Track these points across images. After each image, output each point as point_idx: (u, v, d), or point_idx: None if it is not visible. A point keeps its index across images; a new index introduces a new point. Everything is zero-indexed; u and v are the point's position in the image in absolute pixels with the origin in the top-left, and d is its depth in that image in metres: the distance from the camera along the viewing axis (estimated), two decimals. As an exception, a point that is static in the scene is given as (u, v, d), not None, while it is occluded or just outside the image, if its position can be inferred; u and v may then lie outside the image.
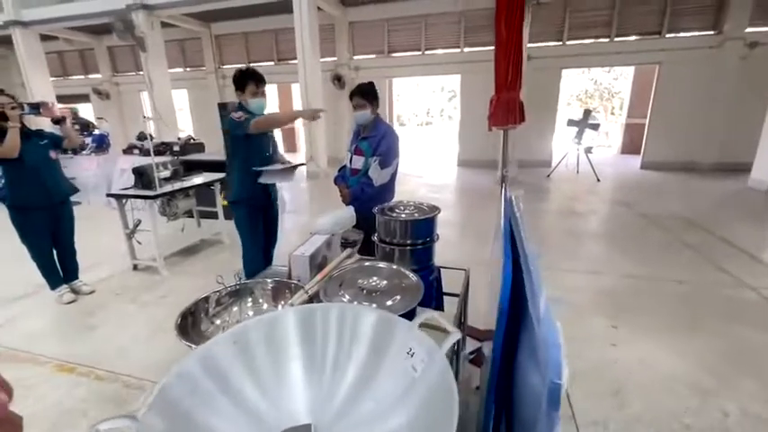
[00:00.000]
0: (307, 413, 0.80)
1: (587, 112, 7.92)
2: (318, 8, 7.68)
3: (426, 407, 0.70)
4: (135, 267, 3.55)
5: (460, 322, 1.68)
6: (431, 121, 28.85)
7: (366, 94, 2.35)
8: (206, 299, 1.28)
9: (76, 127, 7.21)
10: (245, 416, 0.78)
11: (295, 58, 7.47)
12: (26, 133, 2.62)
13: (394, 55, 9.74)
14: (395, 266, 1.26)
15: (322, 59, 8.16)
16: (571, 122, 8.02)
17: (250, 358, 0.82)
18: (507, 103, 1.72)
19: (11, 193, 2.66)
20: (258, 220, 2.66)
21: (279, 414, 0.79)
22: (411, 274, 1.21)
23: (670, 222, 4.60)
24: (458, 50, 9.17)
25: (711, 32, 7.70)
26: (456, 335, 0.85)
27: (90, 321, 2.69)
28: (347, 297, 1.12)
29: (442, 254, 1.84)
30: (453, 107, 20.35)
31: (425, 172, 8.94)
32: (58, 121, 2.79)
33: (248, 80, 2.36)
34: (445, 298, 1.96)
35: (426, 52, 9.46)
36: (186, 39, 11.04)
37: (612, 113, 18.18)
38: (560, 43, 8.63)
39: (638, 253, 3.69)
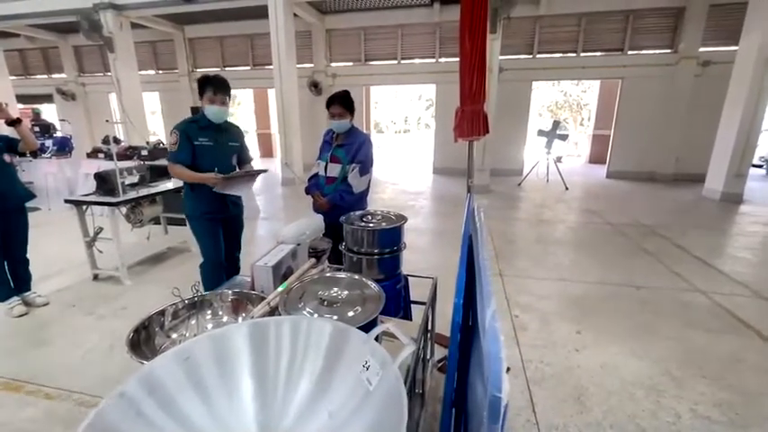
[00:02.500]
0: (257, 429, 0.78)
1: (556, 123, 8.23)
2: (295, 15, 7.66)
3: (379, 421, 0.70)
4: (95, 277, 3.39)
5: (426, 330, 1.69)
6: (408, 129, 29.19)
7: (345, 102, 2.36)
8: (161, 312, 1.24)
9: (36, 129, 6.86)
10: (190, 434, 0.75)
11: (271, 64, 7.40)
12: (-25, 136, 2.48)
13: (371, 63, 9.82)
14: (357, 276, 1.26)
15: (299, 65, 8.13)
16: (541, 133, 8.30)
17: (198, 376, 0.80)
18: (472, 115, 1.76)
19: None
20: (217, 232, 2.50)
21: (227, 431, 0.77)
22: (373, 284, 1.21)
23: (632, 230, 4.82)
24: (433, 60, 9.36)
25: (668, 51, 8.19)
26: (410, 347, 0.86)
27: (42, 336, 2.54)
28: (307, 309, 1.10)
29: (414, 261, 1.86)
30: (431, 116, 20.65)
31: (402, 179, 9.02)
32: (12, 122, 2.65)
33: (206, 86, 2.26)
34: (414, 306, 1.97)
35: (402, 61, 9.60)
36: (158, 41, 10.76)
37: (582, 124, 19.00)
38: (531, 56, 8.95)
39: (602, 260, 3.84)
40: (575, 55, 8.73)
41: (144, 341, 1.16)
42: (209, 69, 10.83)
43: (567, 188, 7.60)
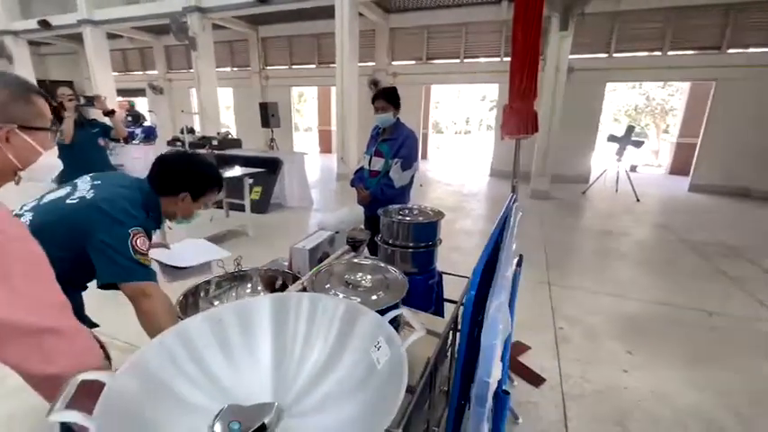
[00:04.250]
0: (272, 392, 0.84)
1: (630, 129, 7.56)
2: (360, 14, 7.86)
3: (379, 395, 0.73)
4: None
5: (455, 328, 1.67)
6: (469, 130, 28.54)
7: (389, 97, 2.40)
8: (207, 282, 1.37)
9: (129, 118, 7.80)
10: (215, 389, 0.83)
11: (335, 62, 7.68)
12: (80, 122, 2.89)
13: (432, 62, 9.76)
14: (383, 264, 1.28)
15: (361, 64, 8.33)
16: (612, 138, 7.67)
17: (225, 338, 0.88)
18: (520, 113, 1.70)
19: (66, 174, 2.94)
20: None
21: (246, 391, 0.84)
22: (399, 274, 1.23)
23: (712, 250, 4.29)
24: (497, 59, 9.05)
25: (776, 49, 7.13)
26: (420, 332, 0.87)
27: (119, 299, 2.90)
28: (333, 291, 1.15)
29: (458, 262, 1.85)
30: (494, 117, 20.04)
31: (456, 180, 8.86)
32: (108, 113, 3.06)
33: (211, 188, 1.43)
34: (446, 305, 1.95)
35: (465, 60, 9.41)
36: (234, 40, 11.64)
37: (666, 131, 17.13)
38: (606, 55, 8.30)
39: (669, 279, 3.47)
40: (660, 54, 7.93)
41: (191, 305, 1.29)
42: (278, 67, 11.51)
43: (638, 200, 6.95)
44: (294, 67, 11.29)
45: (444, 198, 6.73)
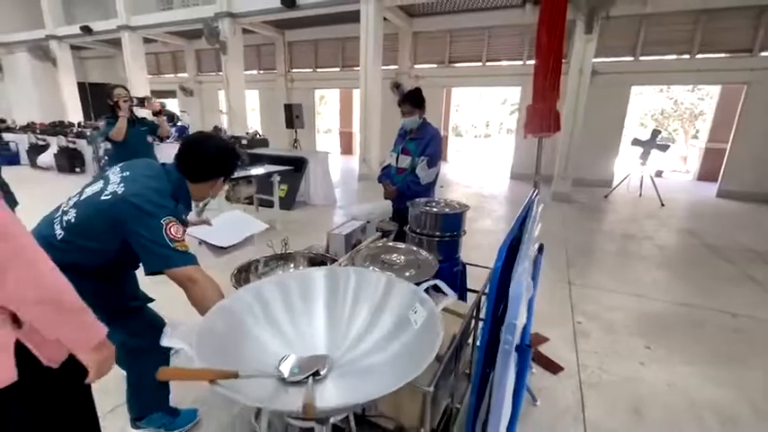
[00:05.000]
0: (325, 346, 0.99)
1: (656, 132, 7.44)
2: (384, 18, 8.04)
3: (417, 341, 0.87)
4: (200, 243, 4.01)
5: (477, 315, 1.78)
6: (489, 133, 28.36)
7: (415, 101, 2.54)
8: (257, 260, 1.54)
9: (164, 117, 8.19)
10: (281, 339, 0.99)
11: (359, 65, 7.87)
12: (132, 120, 3.16)
13: (454, 65, 9.85)
14: (414, 248, 1.42)
15: (384, 67, 8.50)
16: (636, 142, 7.56)
17: (289, 299, 1.04)
18: (543, 112, 1.80)
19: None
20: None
21: (305, 344, 0.99)
22: (428, 256, 1.36)
23: (738, 255, 4.23)
24: (520, 63, 9.07)
25: (814, 52, 6.90)
26: (452, 297, 1.00)
27: (154, 287, 3.14)
28: (371, 268, 1.29)
29: (474, 259, 1.96)
30: (515, 120, 19.92)
31: (476, 182, 8.91)
32: (156, 113, 3.33)
33: (234, 165, 1.49)
34: (469, 295, 2.06)
35: (487, 63, 9.47)
36: (262, 44, 12.03)
37: (696, 137, 16.60)
38: (632, 59, 8.21)
39: (692, 282, 3.47)
40: (689, 57, 7.79)
41: (243, 279, 1.46)
42: (303, 70, 11.82)
43: (662, 204, 6.84)
44: (318, 70, 11.58)
45: (464, 199, 6.79)
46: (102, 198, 1.21)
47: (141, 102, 3.22)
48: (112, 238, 1.22)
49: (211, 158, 1.37)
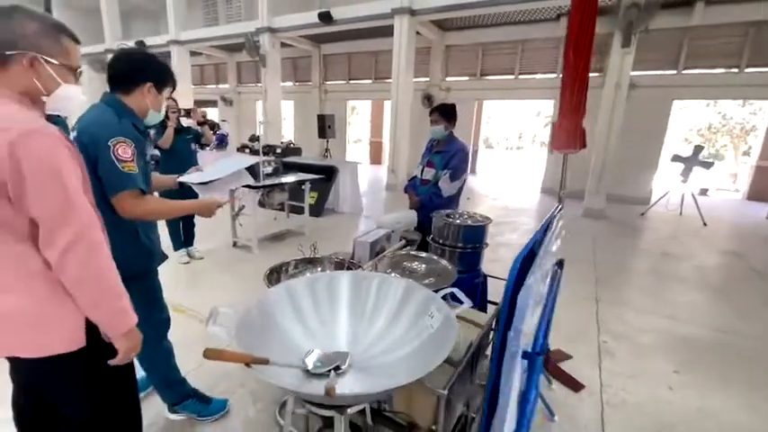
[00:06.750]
0: (346, 344, 1.08)
1: (698, 149, 7.11)
2: (417, 32, 8.20)
3: (432, 344, 0.93)
4: (234, 244, 4.25)
5: (495, 325, 1.81)
6: (521, 146, 27.90)
7: (443, 112, 2.61)
8: (288, 262, 1.65)
9: (207, 126, 8.70)
10: (307, 334, 1.08)
11: (391, 77, 8.06)
12: (178, 129, 3.42)
13: (486, 77, 9.86)
14: (435, 257, 1.48)
15: (415, 79, 8.65)
16: (677, 158, 7.25)
17: (316, 297, 1.15)
18: (569, 129, 1.83)
19: (163, 172, 3.48)
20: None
21: (327, 339, 1.08)
22: (448, 265, 1.42)
23: (787, 281, 3.96)
24: (553, 76, 8.96)
25: None
26: (468, 304, 1.06)
27: (196, 280, 3.36)
28: (393, 275, 1.37)
29: (497, 272, 1.98)
30: (548, 133, 19.50)
31: (504, 195, 8.81)
32: (201, 123, 3.59)
33: (169, 78, 1.52)
34: (490, 307, 2.09)
35: (520, 76, 9.41)
36: (299, 57, 12.53)
37: (747, 153, 15.59)
38: (674, 72, 7.92)
39: (733, 306, 3.29)
40: (737, 70, 7.44)
41: (275, 279, 1.57)
42: (337, 82, 12.19)
43: (704, 224, 6.50)
44: (351, 81, 11.90)
45: (490, 212, 6.72)
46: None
47: (188, 112, 3.49)
48: (94, 179, 1.23)
49: (128, 64, 1.39)
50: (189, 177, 1.73)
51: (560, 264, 1.58)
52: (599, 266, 4.12)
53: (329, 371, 0.95)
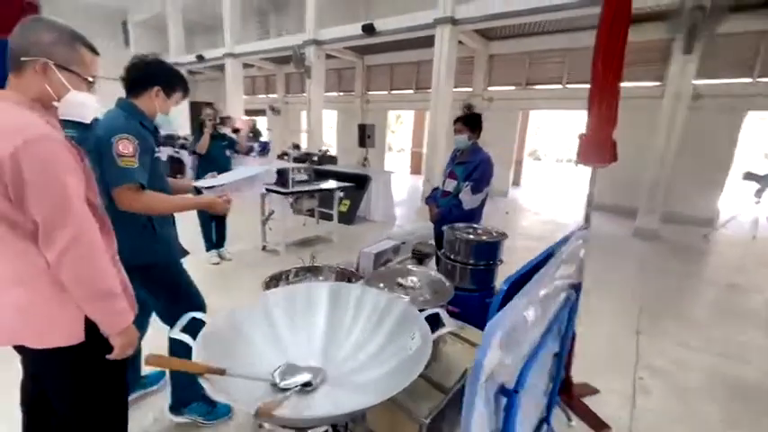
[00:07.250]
0: (320, 358, 1.03)
1: (775, 166, 6.30)
2: (460, 42, 8.10)
3: (408, 364, 0.86)
4: (263, 248, 4.37)
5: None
6: (572, 158, 26.50)
7: (468, 122, 2.52)
8: (288, 270, 1.64)
9: (251, 134, 9.16)
10: (279, 348, 1.05)
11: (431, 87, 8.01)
12: (214, 136, 3.60)
13: (532, 87, 9.50)
14: (433, 273, 1.39)
15: (457, 89, 8.52)
16: (750, 176, 6.49)
17: (293, 309, 1.10)
18: (598, 141, 1.67)
19: (198, 176, 3.67)
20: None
21: (300, 354, 1.04)
22: (447, 282, 1.33)
23: None
24: (605, 85, 8.42)
25: None
26: (450, 326, 0.97)
27: (224, 282, 3.47)
28: (387, 289, 1.30)
29: None
30: (598, 145, 18.23)
31: (549, 209, 8.36)
32: (235, 130, 3.78)
33: (179, 84, 1.58)
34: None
35: (568, 85, 8.96)
36: (343, 68, 12.86)
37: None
38: (749, 80, 7.13)
39: (808, 349, 2.82)
40: (826, 77, 6.56)
41: (273, 287, 1.56)
42: (379, 92, 12.34)
43: (781, 251, 5.72)
44: (393, 91, 12.00)
45: (531, 227, 6.43)
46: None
47: (223, 121, 3.68)
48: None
49: (138, 70, 1.48)
50: (202, 182, 1.81)
51: (577, 288, 1.43)
52: (645, 294, 3.74)
53: (297, 386, 0.90)
